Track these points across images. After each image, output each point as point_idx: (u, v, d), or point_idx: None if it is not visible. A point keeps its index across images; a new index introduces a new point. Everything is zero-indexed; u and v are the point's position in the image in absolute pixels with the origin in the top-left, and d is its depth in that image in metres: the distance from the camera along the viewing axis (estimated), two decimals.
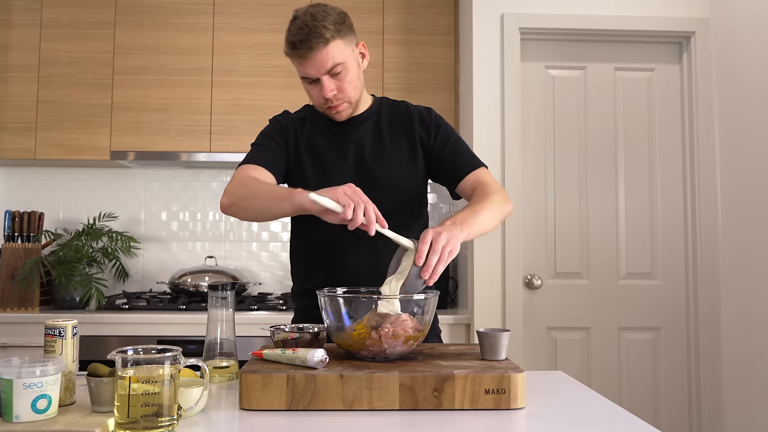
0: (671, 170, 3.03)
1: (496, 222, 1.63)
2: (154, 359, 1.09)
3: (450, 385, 1.23)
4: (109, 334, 2.77)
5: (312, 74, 1.65)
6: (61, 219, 3.43)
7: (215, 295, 1.51)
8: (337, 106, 1.70)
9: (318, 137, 1.78)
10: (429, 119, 1.81)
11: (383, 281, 1.44)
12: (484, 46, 2.95)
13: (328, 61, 1.62)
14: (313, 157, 1.76)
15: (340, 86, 1.67)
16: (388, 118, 1.81)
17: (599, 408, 1.30)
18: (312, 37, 1.59)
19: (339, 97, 1.68)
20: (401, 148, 1.77)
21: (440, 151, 1.78)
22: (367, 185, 1.68)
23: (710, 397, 2.87)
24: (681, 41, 3.05)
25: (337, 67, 1.63)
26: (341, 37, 1.63)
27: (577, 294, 2.97)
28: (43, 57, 3.13)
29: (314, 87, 1.68)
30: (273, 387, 1.22)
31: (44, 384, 1.11)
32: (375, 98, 1.85)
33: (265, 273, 3.46)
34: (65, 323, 1.26)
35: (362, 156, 1.75)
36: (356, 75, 1.70)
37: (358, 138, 1.76)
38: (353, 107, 1.75)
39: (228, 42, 3.18)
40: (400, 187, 1.75)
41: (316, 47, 1.60)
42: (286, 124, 1.80)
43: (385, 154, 1.75)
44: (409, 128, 1.79)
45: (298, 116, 1.83)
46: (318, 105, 1.73)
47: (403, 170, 1.76)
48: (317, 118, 1.81)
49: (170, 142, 3.12)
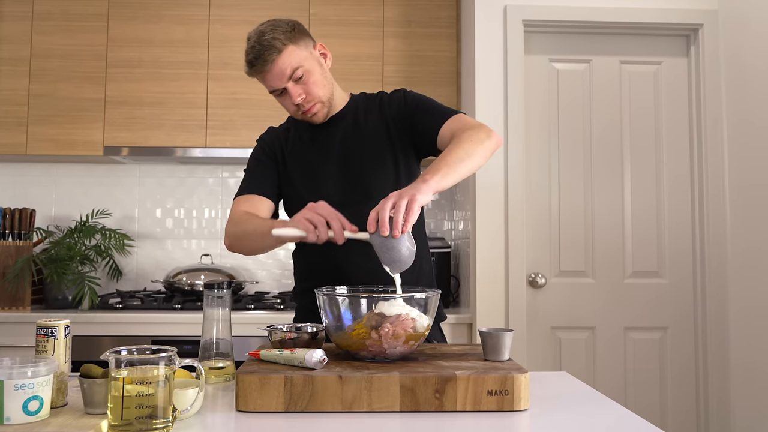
0: (678, 166, 3.03)
1: (477, 158, 1.53)
2: (149, 360, 1.08)
3: (452, 386, 1.23)
4: (103, 334, 2.77)
5: (276, 85, 1.73)
6: (53, 216, 3.42)
7: (211, 294, 1.51)
8: (310, 108, 1.76)
9: (301, 143, 1.85)
10: (400, 97, 1.84)
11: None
12: (486, 38, 2.94)
13: (287, 68, 1.70)
14: (298, 163, 1.83)
15: (306, 89, 1.74)
16: (365, 111, 1.85)
17: (605, 410, 1.30)
18: (264, 51, 1.69)
19: (308, 99, 1.75)
20: (381, 135, 1.81)
21: (411, 117, 1.79)
22: (355, 178, 1.77)
23: (719, 399, 2.87)
24: (689, 34, 3.04)
25: (297, 71, 1.71)
26: (293, 43, 1.71)
27: (582, 293, 2.97)
28: (34, 50, 3.13)
29: (284, 98, 1.76)
30: (270, 388, 1.22)
31: (36, 385, 1.10)
32: (352, 95, 1.91)
33: (263, 271, 3.46)
34: (57, 323, 1.25)
35: (346, 152, 1.80)
36: (321, 75, 1.76)
37: (339, 135, 1.82)
38: (327, 106, 1.80)
39: (224, 34, 3.17)
40: (387, 173, 1.78)
41: (270, 59, 1.69)
42: (272, 141, 1.88)
43: (366, 145, 1.79)
44: (384, 116, 1.83)
45: (282, 128, 1.92)
46: (293, 113, 1.80)
47: (387, 157, 1.79)
48: (299, 126, 1.88)
49: (165, 137, 3.12)
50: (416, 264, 1.65)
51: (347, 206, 1.62)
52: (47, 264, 2.97)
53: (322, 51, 1.80)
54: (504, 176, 2.88)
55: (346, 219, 1.47)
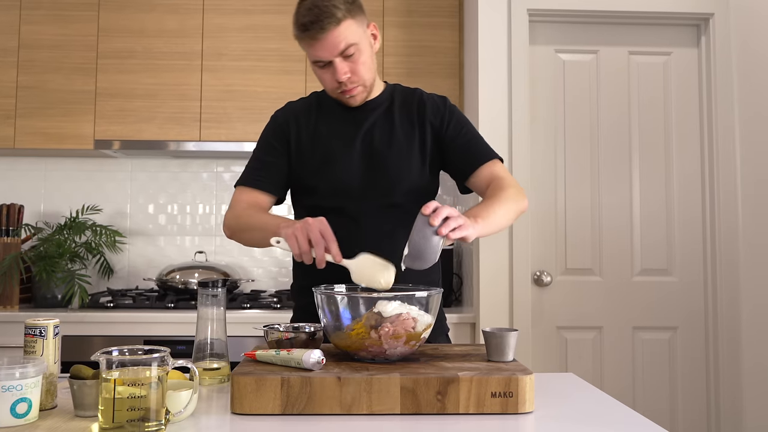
0: (689, 160, 3.02)
1: (511, 219, 1.65)
2: (141, 360, 1.08)
3: (454, 388, 1.23)
4: (93, 334, 2.77)
5: (324, 57, 1.66)
6: (42, 212, 3.42)
7: (205, 292, 1.50)
8: (352, 89, 1.72)
9: (324, 124, 1.80)
10: (443, 107, 1.83)
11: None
12: (490, 28, 2.94)
13: (341, 42, 1.63)
14: (318, 146, 1.78)
15: (354, 68, 1.69)
16: (400, 105, 1.83)
17: (612, 412, 1.29)
18: (323, 17, 1.61)
19: (353, 80, 1.70)
20: (412, 137, 1.79)
21: (452, 141, 1.80)
22: (374, 174, 1.74)
23: (730, 401, 2.88)
24: (699, 23, 3.04)
25: (350, 48, 1.65)
26: (353, 17, 1.65)
27: (588, 291, 2.97)
28: (23, 40, 3.12)
29: (326, 71, 1.70)
30: (266, 390, 1.22)
31: (24, 387, 1.10)
32: (387, 84, 1.87)
33: (259, 269, 3.46)
34: (46, 322, 1.25)
35: (371, 143, 1.77)
36: (369, 57, 1.72)
37: (368, 124, 1.79)
38: (367, 91, 1.77)
39: (219, 24, 3.17)
40: (408, 177, 1.77)
41: (328, 27, 1.62)
42: (286, 120, 1.82)
43: (395, 143, 1.78)
44: (421, 116, 1.81)
45: (302, 106, 1.85)
46: (331, 90, 1.75)
47: (412, 160, 1.78)
48: (324, 105, 1.83)
49: (158, 131, 3.11)
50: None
51: (361, 200, 1.65)
52: (36, 261, 2.97)
53: (373, 32, 1.75)
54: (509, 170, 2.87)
55: (335, 244, 1.48)
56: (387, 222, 1.74)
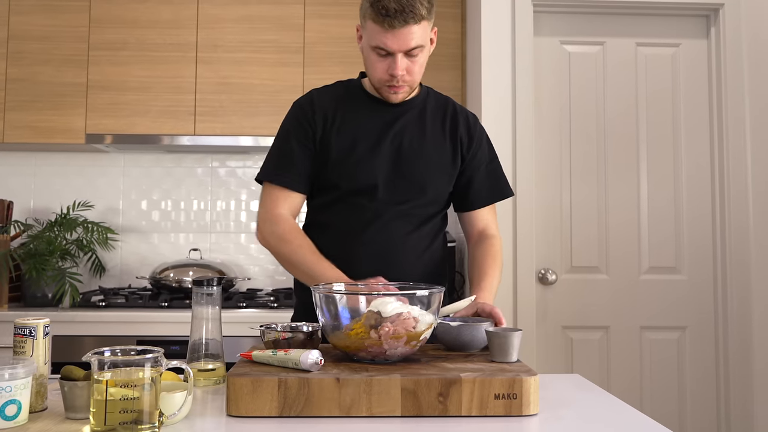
0: (698, 155, 3.02)
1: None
2: (134, 361, 1.08)
3: (456, 389, 1.23)
4: (85, 334, 2.77)
5: (392, 48, 1.67)
6: (31, 208, 3.42)
7: (200, 291, 1.50)
8: (401, 87, 1.74)
9: (353, 119, 1.80)
10: (474, 128, 1.87)
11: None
12: (493, 19, 2.93)
13: (413, 39, 1.66)
14: (343, 140, 1.78)
15: (411, 68, 1.71)
16: (433, 111, 1.85)
17: (619, 414, 1.30)
18: (408, 10, 1.63)
19: (406, 78, 1.72)
20: (442, 146, 1.82)
21: (475, 166, 1.85)
22: (399, 180, 1.77)
23: (741, 403, 2.88)
24: (708, 14, 3.03)
25: (417, 48, 1.68)
26: (428, 20, 1.69)
27: (595, 290, 2.97)
28: (12, 31, 3.12)
29: (383, 60, 1.71)
30: (263, 392, 1.22)
31: (13, 388, 1.10)
32: (422, 86, 1.89)
33: (255, 267, 3.46)
34: (36, 322, 1.25)
35: (400, 145, 1.79)
36: (425, 61, 1.75)
37: (399, 126, 1.80)
38: (410, 93, 1.80)
39: (214, 15, 3.16)
40: (431, 184, 1.80)
41: (408, 21, 1.64)
42: (314, 111, 1.81)
43: (425, 152, 1.80)
44: (453, 128, 1.84)
45: (330, 96, 1.84)
46: (378, 80, 1.75)
47: (438, 169, 1.81)
48: (353, 97, 1.83)
49: (151, 124, 3.11)
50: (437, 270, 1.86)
51: (379, 201, 1.71)
52: (26, 259, 2.97)
53: (433, 36, 1.77)
54: (512, 166, 2.88)
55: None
56: (401, 226, 1.78)
